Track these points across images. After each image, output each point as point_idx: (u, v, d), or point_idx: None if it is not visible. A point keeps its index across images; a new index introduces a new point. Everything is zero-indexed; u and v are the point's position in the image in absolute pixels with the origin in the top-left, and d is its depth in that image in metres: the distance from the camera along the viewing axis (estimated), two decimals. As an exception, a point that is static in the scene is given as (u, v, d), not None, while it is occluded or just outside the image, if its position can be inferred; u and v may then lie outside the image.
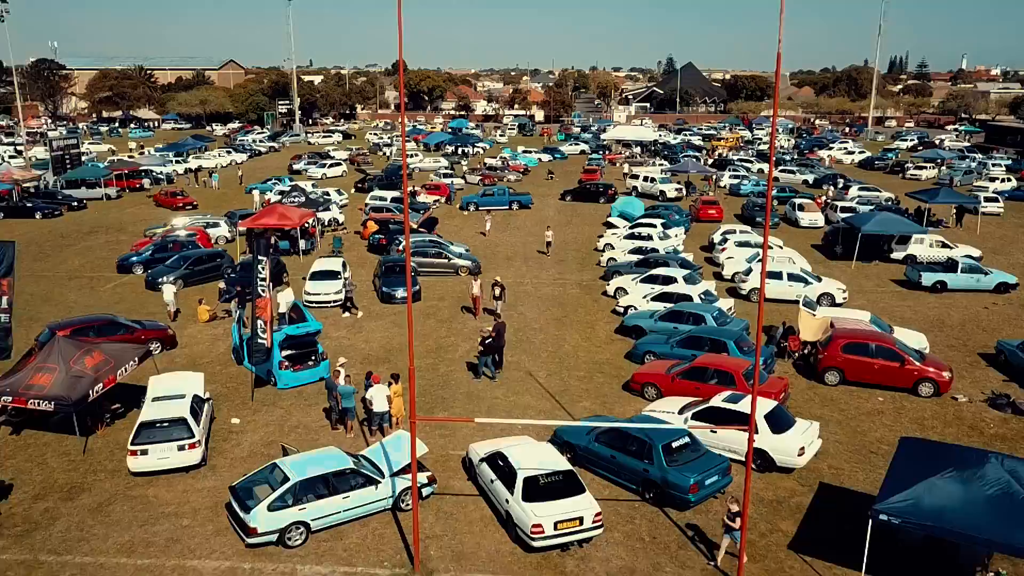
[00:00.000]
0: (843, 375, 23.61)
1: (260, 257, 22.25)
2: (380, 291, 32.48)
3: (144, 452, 18.05)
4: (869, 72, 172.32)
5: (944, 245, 38.83)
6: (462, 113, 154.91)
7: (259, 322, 22.03)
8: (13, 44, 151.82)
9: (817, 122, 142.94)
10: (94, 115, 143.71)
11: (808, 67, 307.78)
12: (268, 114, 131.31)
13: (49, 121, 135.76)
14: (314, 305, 31.26)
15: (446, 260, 36.44)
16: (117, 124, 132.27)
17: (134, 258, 37.39)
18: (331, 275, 32.34)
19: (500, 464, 16.71)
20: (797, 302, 31.11)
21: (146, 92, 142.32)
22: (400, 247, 37.80)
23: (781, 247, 38.30)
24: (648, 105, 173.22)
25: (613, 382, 23.94)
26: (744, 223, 48.46)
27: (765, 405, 18.95)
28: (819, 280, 32.07)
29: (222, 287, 31.58)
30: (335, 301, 31.56)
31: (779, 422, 18.70)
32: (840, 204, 49.02)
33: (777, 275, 32.17)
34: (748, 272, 32.73)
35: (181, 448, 18.21)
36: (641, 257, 35.25)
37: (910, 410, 22.13)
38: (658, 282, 31.36)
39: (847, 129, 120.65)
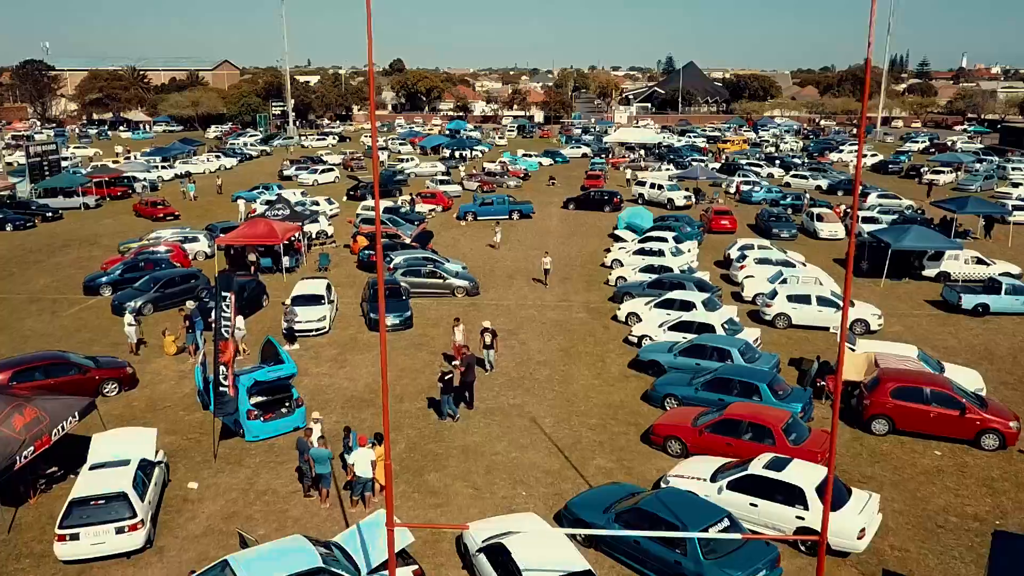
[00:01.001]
0: (893, 424, 20.65)
1: (223, 293, 19.27)
2: (368, 317, 29.49)
3: (75, 536, 15.07)
4: (875, 71, 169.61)
5: (980, 261, 35.90)
6: (460, 114, 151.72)
7: (221, 368, 19.05)
8: (3, 45, 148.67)
9: (823, 123, 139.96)
10: (84, 117, 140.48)
11: (807, 66, 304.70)
12: (261, 116, 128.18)
13: (37, 124, 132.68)
14: (296, 334, 28.30)
15: (441, 280, 33.46)
16: (107, 127, 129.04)
17: (103, 278, 34.38)
18: (315, 300, 29.34)
19: (501, 559, 13.75)
20: (827, 330, 28.47)
21: (137, 93, 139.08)
22: (392, 264, 34.84)
23: (804, 264, 35.35)
24: (649, 105, 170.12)
25: (630, 431, 20.97)
26: (759, 235, 45.62)
27: (815, 474, 16.00)
28: (852, 304, 29.08)
29: (187, 312, 28.35)
30: (319, 330, 28.59)
31: (833, 496, 15.71)
32: (862, 214, 46.05)
33: (804, 299, 29.21)
34: (773, 295, 29.74)
35: (120, 531, 15.24)
36: (654, 277, 32.26)
37: (974, 468, 19.17)
38: (674, 307, 28.42)
39: (855, 130, 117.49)
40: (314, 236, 44.02)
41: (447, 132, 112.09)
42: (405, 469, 18.97)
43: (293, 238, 38.87)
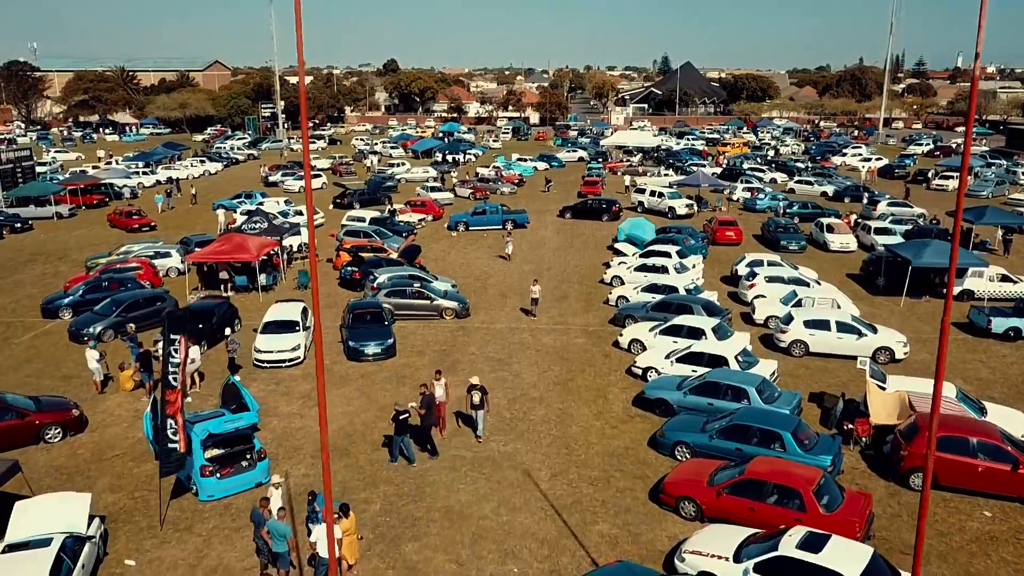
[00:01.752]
0: (934, 478, 18.24)
1: (172, 336, 16.77)
2: (347, 344, 26.96)
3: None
4: (874, 71, 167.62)
5: (1006, 279, 33.54)
6: (454, 116, 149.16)
7: (169, 421, 16.56)
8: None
9: (822, 124, 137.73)
10: (70, 120, 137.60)
11: (802, 66, 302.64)
12: (249, 118, 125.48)
13: (22, 126, 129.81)
14: (266, 366, 25.83)
15: (428, 301, 30.96)
16: (92, 129, 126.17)
17: (63, 300, 31.83)
18: (288, 327, 26.82)
19: None
20: (850, 358, 26.09)
21: (124, 95, 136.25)
22: (376, 284, 32.34)
23: (819, 283, 32.94)
24: (646, 106, 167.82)
25: (636, 487, 18.52)
26: (766, 246, 43.27)
27: (858, 556, 13.59)
28: (874, 331, 26.66)
29: (128, 336, 25.72)
30: (292, 360, 26.09)
31: (881, 584, 13.33)
32: (873, 224, 43.66)
33: (823, 324, 26.78)
34: (788, 320, 27.30)
35: (32, 634, 12.77)
36: (657, 299, 29.81)
37: (1032, 533, 16.79)
38: (682, 334, 26.05)
39: (856, 132, 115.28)
40: (295, 250, 41.57)
41: (440, 134, 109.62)
42: (380, 538, 16.50)
43: (271, 253, 36.38)
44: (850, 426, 20.45)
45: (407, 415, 19.38)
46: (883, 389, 21.08)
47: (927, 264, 32.46)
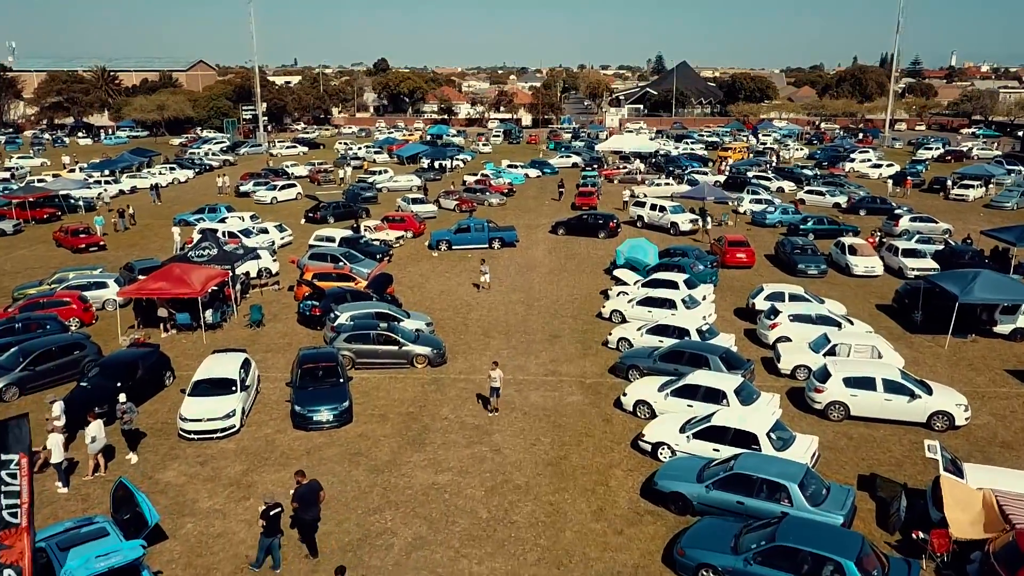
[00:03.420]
0: (1046, 623, 13.77)
1: (6, 456, 12.12)
2: (294, 410, 22.28)
3: None
4: (874, 71, 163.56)
5: (1066, 314, 29.14)
6: (443, 117, 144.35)
7: (8, 572, 11.93)
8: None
9: (823, 126, 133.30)
10: (44, 122, 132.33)
11: (795, 65, 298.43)
12: (229, 121, 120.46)
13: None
14: (193, 437, 21.22)
15: (396, 347, 26.31)
16: (65, 132, 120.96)
17: (-33, 345, 27.07)
18: (222, 386, 22.18)
19: None
20: (899, 423, 21.65)
21: (100, 97, 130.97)
22: (335, 324, 27.70)
23: (851, 321, 28.43)
24: (641, 107, 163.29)
25: (650, 634, 14.00)
26: (781, 269, 38.87)
27: None
28: (928, 390, 22.15)
29: (54, 400, 21.13)
30: (225, 431, 21.46)
31: None
32: (901, 245, 39.17)
33: (867, 383, 22.25)
34: (824, 376, 22.76)
35: None
36: (666, 347, 25.24)
37: None
38: (698, 396, 21.56)
39: (860, 135, 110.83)
40: (256, 276, 36.93)
41: (427, 138, 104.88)
42: None
43: (222, 284, 31.66)
44: (922, 536, 15.95)
45: (279, 510, 15.16)
46: (962, 484, 16.57)
47: (978, 300, 27.99)
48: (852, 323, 28.21)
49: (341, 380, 23.08)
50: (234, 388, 22.18)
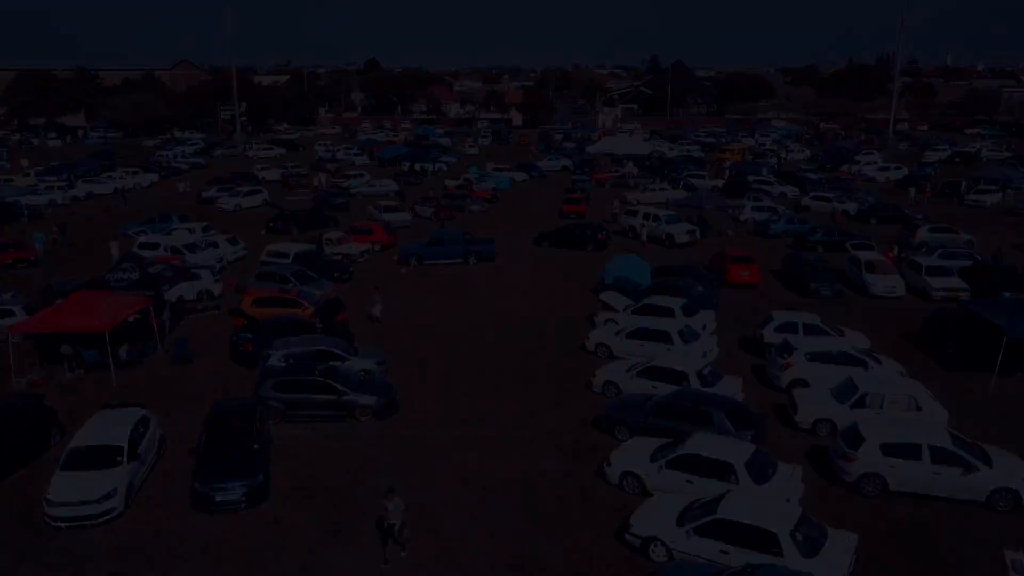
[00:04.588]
0: None
1: None
2: (194, 487, 17.74)
3: None
4: (877, 71, 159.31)
5: None
6: (432, 117, 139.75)
7: None
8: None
9: (822, 126, 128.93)
10: (14, 123, 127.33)
11: (790, 64, 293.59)
12: (206, 121, 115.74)
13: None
14: (63, 526, 16.71)
15: (334, 396, 21.81)
16: (34, 134, 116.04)
17: None
18: (101, 460, 17.65)
19: None
20: (947, 500, 17.31)
21: (75, 96, 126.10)
22: (268, 364, 23.24)
23: (878, 360, 24.03)
24: (635, 107, 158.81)
25: None
26: (791, 290, 34.52)
27: None
28: (987, 462, 17.73)
29: None
30: (102, 515, 16.95)
31: None
32: (924, 263, 34.76)
33: (910, 451, 17.83)
34: (856, 441, 18.30)
35: None
36: (660, 398, 20.79)
37: None
38: (700, 471, 17.16)
39: (864, 136, 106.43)
40: (195, 298, 32.43)
41: (412, 139, 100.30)
42: None
43: (142, 313, 27.08)
44: None
45: None
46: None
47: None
48: (880, 362, 23.82)
49: (256, 446, 18.57)
50: (119, 459, 17.68)
